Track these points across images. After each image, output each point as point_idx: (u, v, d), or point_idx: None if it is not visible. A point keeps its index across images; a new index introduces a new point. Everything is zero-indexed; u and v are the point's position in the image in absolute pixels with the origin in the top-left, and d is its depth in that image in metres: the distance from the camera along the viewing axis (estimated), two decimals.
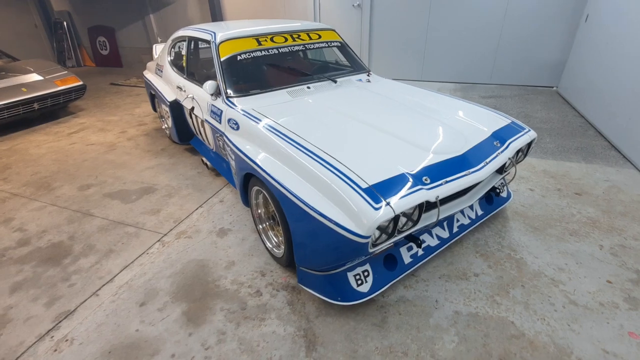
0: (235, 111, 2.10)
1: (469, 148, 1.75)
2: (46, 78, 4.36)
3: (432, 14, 5.39)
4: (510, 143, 1.89)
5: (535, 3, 4.81)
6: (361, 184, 1.40)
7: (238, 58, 2.35)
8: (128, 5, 7.43)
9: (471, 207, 2.10)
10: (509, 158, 1.85)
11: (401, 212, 1.37)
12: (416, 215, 1.48)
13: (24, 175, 3.14)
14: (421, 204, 1.44)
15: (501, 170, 1.94)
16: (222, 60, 2.32)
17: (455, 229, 1.98)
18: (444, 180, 1.54)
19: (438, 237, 1.90)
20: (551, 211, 2.37)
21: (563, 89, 4.87)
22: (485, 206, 2.18)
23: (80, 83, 4.61)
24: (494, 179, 1.99)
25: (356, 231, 1.30)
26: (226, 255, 2.07)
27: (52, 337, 1.61)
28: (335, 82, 2.51)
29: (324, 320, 1.64)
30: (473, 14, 5.18)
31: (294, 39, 2.58)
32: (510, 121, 2.07)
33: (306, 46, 2.63)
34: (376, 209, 1.32)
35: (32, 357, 1.52)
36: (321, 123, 1.92)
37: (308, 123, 1.91)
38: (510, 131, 1.98)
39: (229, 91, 2.25)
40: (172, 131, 3.20)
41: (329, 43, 2.75)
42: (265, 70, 2.55)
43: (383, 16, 5.70)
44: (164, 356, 1.50)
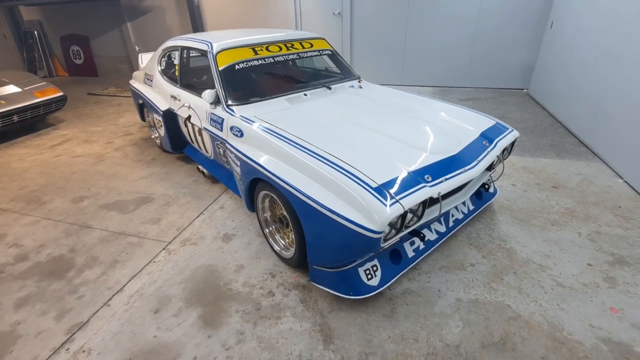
0: (237, 119, 2.17)
1: (462, 148, 1.90)
2: (24, 90, 4.23)
3: (410, 22, 5.64)
4: (497, 142, 2.07)
5: (504, 11, 5.14)
6: (371, 184, 1.51)
7: (236, 67, 2.42)
8: (103, 13, 7.28)
9: (464, 203, 2.26)
10: (497, 156, 2.02)
11: (408, 209, 1.49)
12: (420, 210, 1.61)
13: (11, 190, 3.05)
14: (425, 200, 1.57)
15: (489, 167, 2.11)
16: (221, 69, 2.38)
17: (451, 224, 2.12)
18: (444, 177, 1.67)
19: (437, 232, 2.04)
20: (533, 204, 2.57)
21: (533, 91, 5.22)
22: (475, 201, 2.34)
23: (60, 94, 4.50)
24: (484, 176, 2.16)
25: (371, 227, 1.41)
26: (234, 259, 2.12)
27: (68, 349, 1.61)
28: (329, 89, 2.62)
29: (337, 314, 1.73)
30: (448, 21, 5.46)
31: (288, 48, 2.68)
32: (495, 122, 2.25)
33: (300, 55, 2.73)
34: (387, 206, 1.43)
35: None
36: (323, 128, 2.02)
37: (311, 128, 2.01)
38: (496, 131, 2.16)
39: (229, 100, 2.31)
40: (165, 140, 3.21)
41: (321, 51, 2.86)
42: (262, 78, 2.63)
43: (363, 24, 5.90)
44: (187, 359, 1.54)
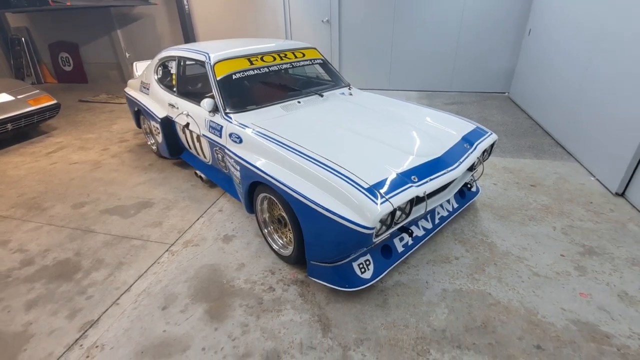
0: (236, 126, 2.30)
1: (445, 150, 2.08)
2: (18, 98, 4.26)
3: (396, 29, 5.86)
4: (477, 145, 2.25)
5: (485, 19, 5.40)
6: (363, 185, 1.67)
7: (233, 77, 2.55)
8: (93, 21, 7.31)
9: (448, 201, 2.43)
10: (478, 157, 2.20)
11: (397, 207, 1.65)
12: (408, 208, 1.77)
13: (9, 197, 3.11)
14: (412, 199, 1.73)
15: (471, 168, 2.29)
16: (218, 79, 2.51)
17: (436, 221, 2.29)
18: (429, 178, 1.84)
19: (424, 228, 2.20)
20: (512, 201, 2.77)
21: (513, 95, 5.48)
22: (459, 200, 2.52)
23: (54, 102, 4.54)
24: (466, 176, 2.34)
25: (363, 224, 1.56)
26: (235, 258, 2.24)
27: (82, 345, 1.71)
28: (321, 96, 2.78)
29: (334, 306, 1.87)
30: (432, 29, 5.70)
31: (282, 58, 2.83)
32: (475, 126, 2.44)
33: (293, 64, 2.88)
34: (377, 205, 1.59)
35: None
36: (317, 133, 2.17)
37: (305, 133, 2.15)
38: (476, 135, 2.34)
39: (227, 108, 2.44)
40: (163, 146, 3.31)
41: (313, 61, 3.02)
42: (258, 87, 2.77)
43: (351, 31, 6.10)
44: (196, 350, 1.66)
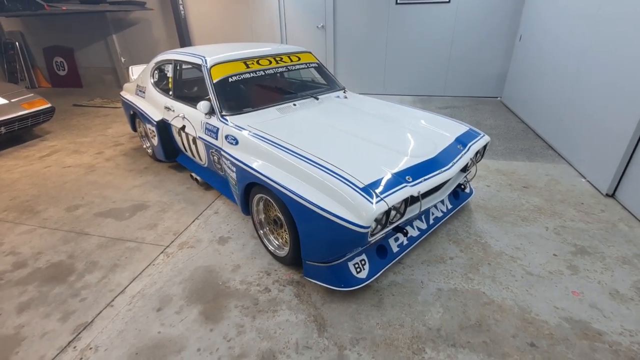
0: (232, 128, 2.31)
1: (439, 151, 2.11)
2: (12, 101, 4.24)
3: (390, 35, 5.94)
4: (470, 146, 2.28)
5: (477, 25, 5.50)
6: (358, 184, 1.68)
7: (229, 80, 2.57)
8: (88, 25, 7.31)
9: (442, 202, 2.46)
10: (470, 158, 2.24)
11: (392, 206, 1.66)
12: (403, 208, 1.78)
13: (2, 200, 3.08)
14: (407, 199, 1.75)
15: (464, 169, 2.32)
16: (215, 82, 2.53)
17: (431, 221, 2.31)
18: (423, 178, 1.86)
19: (418, 229, 2.22)
20: (505, 203, 2.80)
21: (506, 99, 5.57)
22: (453, 201, 2.55)
23: (48, 105, 4.52)
24: (460, 177, 2.37)
25: (359, 223, 1.57)
26: (230, 260, 2.24)
27: (75, 347, 1.70)
28: (317, 99, 2.80)
29: (329, 306, 1.87)
30: (425, 35, 5.79)
31: (277, 62, 2.85)
32: (468, 128, 2.48)
33: (288, 68, 2.91)
34: (372, 204, 1.60)
35: None
36: (313, 135, 2.19)
37: (301, 135, 2.17)
38: (469, 136, 2.38)
39: (223, 110, 2.45)
40: (158, 149, 3.31)
41: (308, 64, 3.05)
42: (254, 90, 2.79)
43: (346, 37, 6.17)
44: (191, 351, 1.65)
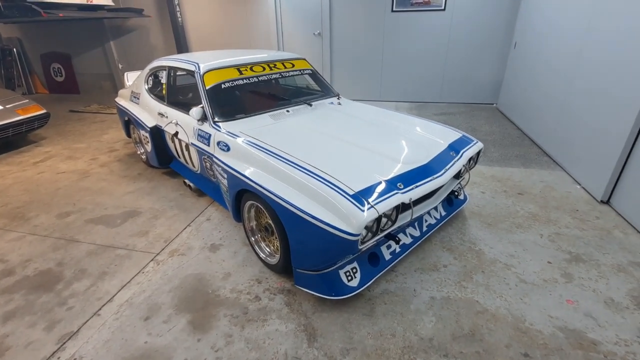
0: (224, 134, 2.30)
1: (431, 158, 2.09)
2: (6, 107, 4.23)
3: (386, 42, 5.97)
4: (463, 153, 2.27)
5: (472, 32, 5.54)
6: (348, 191, 1.66)
7: (222, 86, 2.57)
8: (86, 32, 7.34)
9: (436, 209, 2.44)
10: (463, 165, 2.22)
11: (383, 213, 1.64)
12: (394, 215, 1.76)
13: None
14: (398, 206, 1.73)
15: (457, 175, 2.30)
16: (208, 88, 2.52)
17: (424, 228, 2.29)
18: (415, 185, 1.85)
19: (411, 236, 2.20)
20: (500, 209, 2.78)
21: (501, 106, 5.58)
22: (447, 208, 2.53)
23: (43, 111, 4.51)
24: (453, 184, 2.36)
25: (349, 230, 1.55)
26: (221, 267, 2.21)
27: (59, 358, 1.66)
28: (310, 106, 2.80)
29: (320, 315, 1.84)
30: (421, 42, 5.82)
31: (271, 68, 2.85)
32: (461, 134, 2.47)
33: (282, 74, 2.91)
34: (363, 211, 1.58)
35: None
36: (305, 141, 2.18)
37: (294, 142, 2.16)
38: (462, 143, 2.37)
39: (216, 116, 2.44)
40: (152, 155, 3.29)
41: (302, 71, 3.06)
42: (247, 96, 2.79)
43: (342, 43, 6.20)
44: None
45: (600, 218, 2.64)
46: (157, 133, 3.12)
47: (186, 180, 3.07)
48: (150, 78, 3.36)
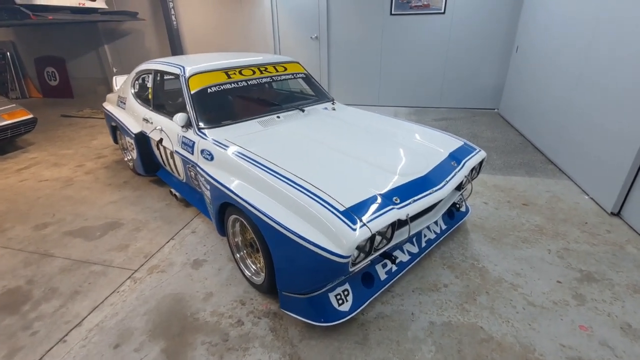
0: (208, 142, 2.14)
1: (431, 169, 1.93)
2: None
3: (384, 46, 5.84)
4: (465, 162, 2.11)
5: (472, 36, 5.40)
6: (338, 207, 1.50)
7: (208, 91, 2.41)
8: (80, 36, 7.23)
9: (436, 223, 2.27)
10: (465, 176, 2.06)
11: (377, 231, 1.48)
12: (390, 233, 1.60)
13: None
14: (394, 222, 1.56)
15: (459, 187, 2.14)
16: (193, 93, 2.37)
17: (423, 244, 2.12)
18: (412, 199, 1.68)
19: (409, 253, 2.03)
20: (504, 222, 2.61)
21: (503, 111, 5.43)
22: (448, 221, 2.36)
23: (30, 116, 4.36)
24: (454, 196, 2.19)
25: (337, 252, 1.38)
26: (203, 287, 2.04)
27: None
28: (303, 111, 2.64)
29: (308, 343, 1.67)
30: (420, 45, 5.68)
31: (262, 72, 2.70)
32: (463, 142, 2.31)
33: (273, 78, 2.76)
34: (354, 230, 1.42)
35: None
36: (294, 150, 2.02)
37: (282, 151, 2.00)
38: (464, 152, 2.21)
39: (201, 123, 2.29)
40: (137, 163, 3.13)
41: (295, 75, 2.90)
42: (235, 101, 2.63)
43: (340, 47, 6.07)
44: None
45: (611, 232, 2.47)
46: (143, 140, 2.97)
47: (172, 189, 2.91)
48: (136, 82, 3.21)
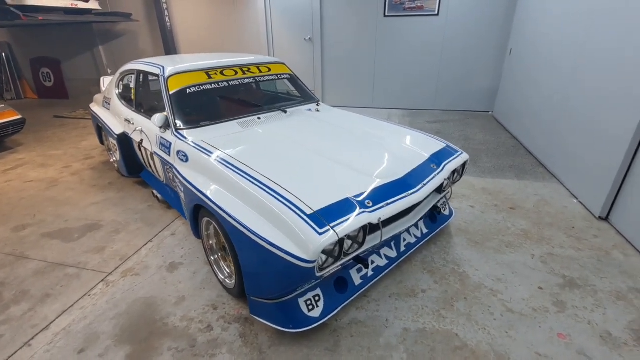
0: (184, 143, 2.11)
1: (408, 171, 1.89)
2: None
3: (378, 48, 5.81)
4: (445, 165, 2.06)
5: (466, 38, 5.36)
6: (306, 210, 1.46)
7: (187, 91, 2.38)
8: (75, 37, 7.23)
9: (417, 226, 2.22)
10: (446, 179, 2.02)
11: (345, 235, 1.44)
12: (361, 237, 1.55)
13: None
14: (365, 227, 1.52)
15: (440, 190, 2.10)
16: (171, 93, 2.34)
17: (402, 248, 2.08)
18: (385, 202, 1.64)
19: (386, 257, 1.98)
20: (489, 226, 2.56)
21: (497, 114, 5.38)
22: (429, 225, 2.32)
23: (18, 117, 4.34)
24: (435, 199, 2.15)
25: (302, 256, 1.34)
26: (176, 290, 2.00)
27: None
28: (285, 112, 2.61)
29: (277, 350, 1.62)
30: (414, 48, 5.65)
31: (244, 72, 2.67)
32: (445, 145, 2.27)
33: (256, 79, 2.73)
34: (320, 234, 1.38)
35: None
36: (270, 152, 1.98)
37: (257, 153, 1.96)
38: (445, 154, 2.16)
39: (178, 123, 2.25)
40: (121, 164, 3.10)
41: (279, 76, 2.87)
42: (215, 102, 2.60)
43: (333, 49, 6.04)
44: None
45: (598, 237, 2.42)
46: (125, 140, 2.94)
47: (154, 191, 2.88)
48: (120, 83, 3.19)
